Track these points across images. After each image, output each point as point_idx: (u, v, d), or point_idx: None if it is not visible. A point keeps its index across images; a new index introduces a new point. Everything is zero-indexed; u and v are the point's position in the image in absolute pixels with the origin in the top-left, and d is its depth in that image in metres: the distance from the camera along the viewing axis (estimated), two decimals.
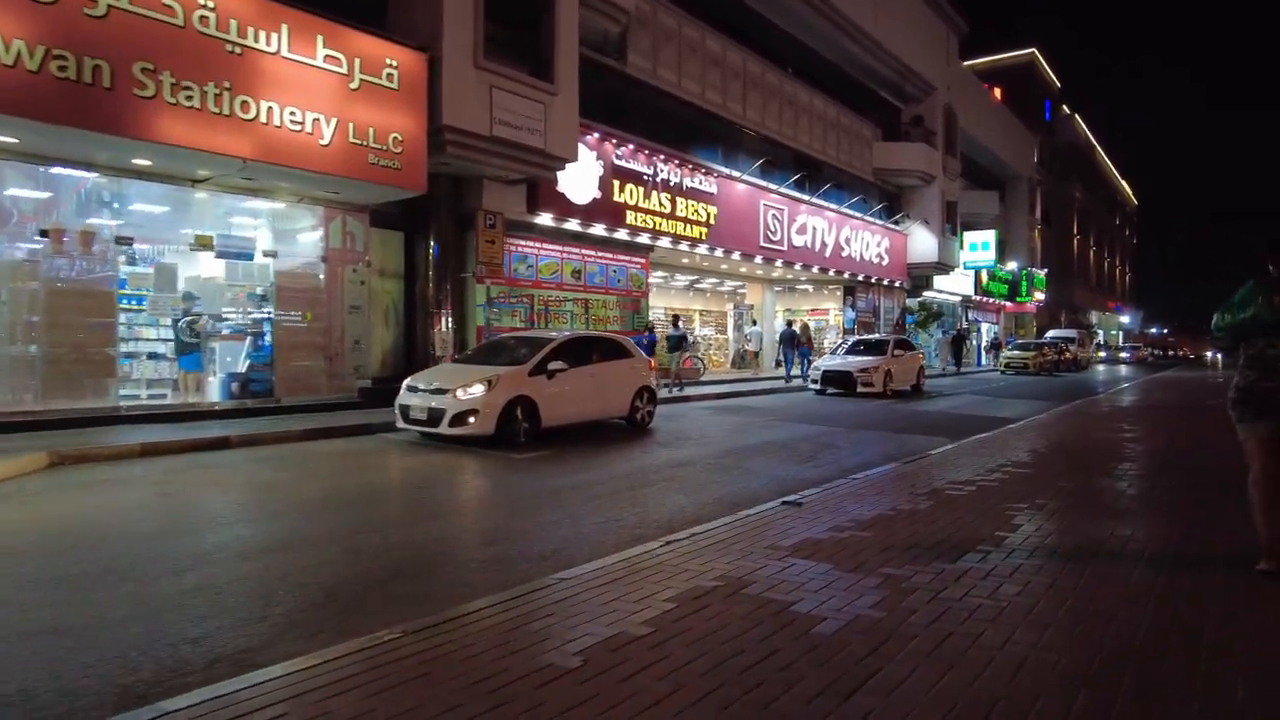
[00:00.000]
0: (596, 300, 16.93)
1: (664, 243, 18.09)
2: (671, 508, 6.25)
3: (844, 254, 25.77)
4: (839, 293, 28.41)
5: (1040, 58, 53.71)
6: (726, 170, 20.29)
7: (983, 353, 38.96)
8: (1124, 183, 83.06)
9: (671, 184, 18.09)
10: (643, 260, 18.11)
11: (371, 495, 6.90)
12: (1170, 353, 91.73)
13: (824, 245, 24.55)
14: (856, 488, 6.51)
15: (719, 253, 19.95)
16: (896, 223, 29.44)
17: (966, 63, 40.71)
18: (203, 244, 11.36)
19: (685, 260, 21.35)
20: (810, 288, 29.21)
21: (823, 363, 19.33)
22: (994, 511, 5.62)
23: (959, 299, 36.52)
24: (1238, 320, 4.16)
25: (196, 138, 9.38)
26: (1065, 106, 60.02)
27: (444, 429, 9.32)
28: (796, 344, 20.60)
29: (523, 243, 15.31)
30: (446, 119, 12.01)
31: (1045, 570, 4.18)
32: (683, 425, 12.06)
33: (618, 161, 16.68)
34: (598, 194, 16.11)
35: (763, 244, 21.60)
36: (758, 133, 21.99)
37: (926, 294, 32.55)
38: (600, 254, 16.99)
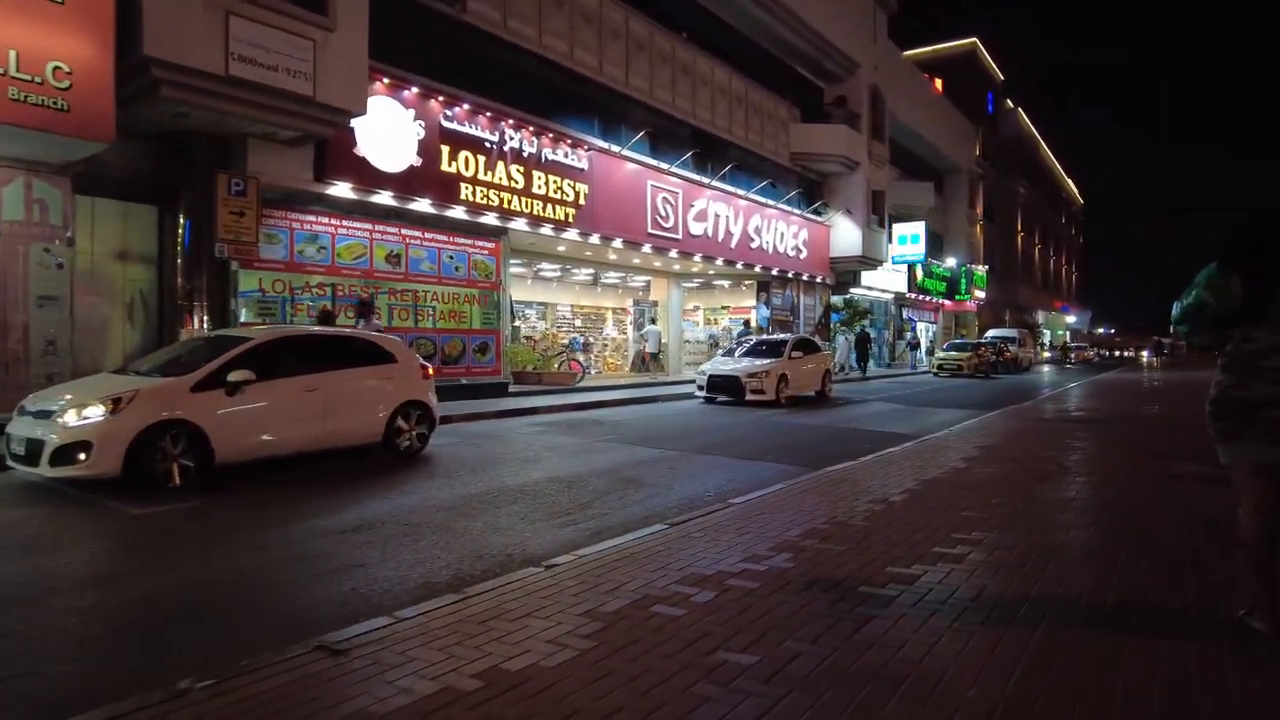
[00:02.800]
0: (427, 291, 14.01)
1: (519, 225, 15.25)
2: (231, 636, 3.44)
3: (753, 245, 23.18)
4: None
5: (982, 48, 51.93)
6: (602, 143, 17.53)
7: (922, 354, 36.76)
8: (1069, 180, 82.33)
9: (526, 155, 15.25)
10: (492, 245, 15.21)
11: None
12: (1117, 353, 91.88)
13: (729, 235, 21.91)
14: (525, 590, 3.72)
15: (595, 239, 17.15)
16: (816, 212, 26.95)
17: (907, 52, 38.67)
18: None
19: (561, 248, 18.53)
20: (726, 283, 26.63)
21: (709, 366, 16.64)
22: (700, 664, 2.87)
23: (891, 296, 34.29)
24: (1184, 308, 3.26)
25: None
26: (1009, 100, 58.48)
27: (43, 469, 6.38)
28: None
29: (311, 219, 12.34)
30: (150, 49, 9.02)
31: None
32: (483, 449, 9.26)
33: (448, 124, 13.79)
34: (416, 161, 13.21)
35: (652, 231, 18.87)
36: (645, 104, 19.25)
37: (855, 291, 30.15)
38: (430, 236, 14.07)
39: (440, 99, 13.66)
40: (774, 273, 24.78)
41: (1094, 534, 4.82)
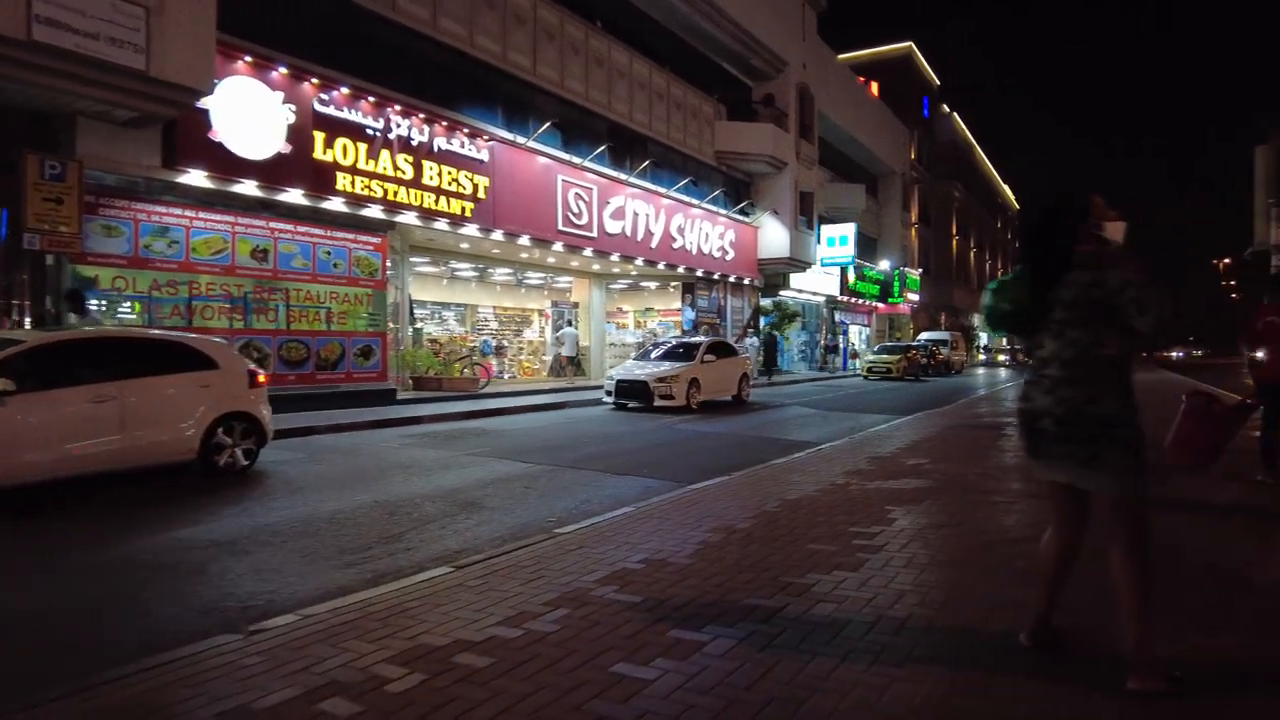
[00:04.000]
0: (300, 290, 12.84)
1: (408, 218, 14.19)
2: None
3: (676, 245, 22.42)
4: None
5: (917, 52, 52.19)
6: (506, 134, 16.55)
7: (843, 358, 36.50)
8: (1005, 185, 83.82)
9: (416, 144, 14.19)
10: (378, 240, 14.10)
11: None
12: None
13: (649, 234, 21.10)
14: (183, 674, 2.79)
15: (498, 235, 16.15)
16: (743, 212, 26.35)
17: (842, 56, 38.42)
18: None
19: (464, 245, 17.48)
20: (654, 285, 25.83)
21: (618, 371, 15.79)
22: None
23: (823, 299, 33.95)
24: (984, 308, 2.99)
25: None
26: (945, 105, 59.02)
27: None
28: None
29: (161, 209, 11.11)
30: None
31: None
32: (324, 467, 8.24)
33: (323, 108, 12.67)
34: (285, 147, 12.07)
35: (564, 228, 17.94)
36: (555, 94, 18.32)
37: (785, 293, 29.63)
38: (305, 230, 12.91)
39: (314, 81, 12.53)
40: (699, 274, 24.05)
41: (944, 575, 4.06)
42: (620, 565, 4.13)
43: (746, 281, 27.08)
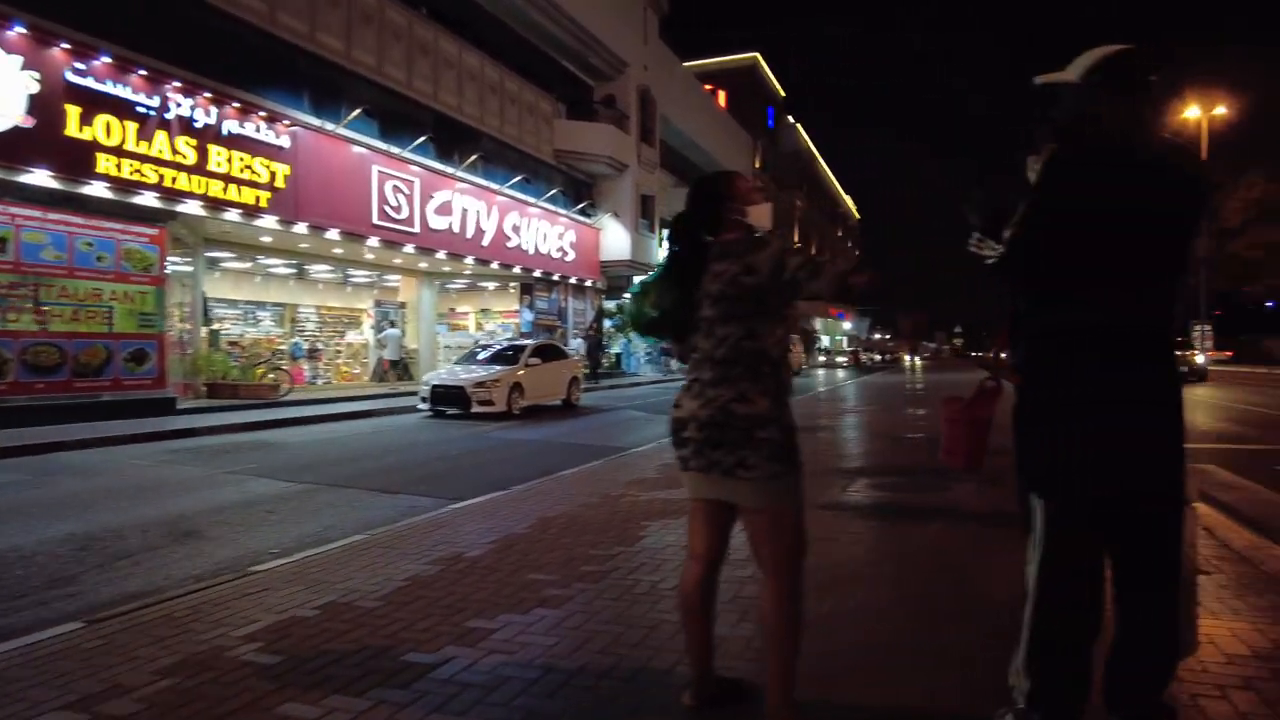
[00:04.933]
0: (53, 286, 11.19)
1: (191, 207, 12.75)
2: None
3: (511, 244, 21.72)
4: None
5: (763, 63, 53.89)
6: (313, 120, 15.33)
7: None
8: (846, 196, 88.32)
9: (201, 126, 12.79)
10: (154, 231, 12.55)
11: None
12: (889, 357, 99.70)
13: (480, 231, 20.28)
14: None
15: (301, 228, 14.88)
16: (583, 213, 26.01)
17: (689, 63, 38.89)
18: None
19: (265, 238, 16.05)
20: (492, 285, 24.98)
21: (434, 376, 14.95)
22: None
23: None
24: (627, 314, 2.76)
25: None
26: (790, 116, 61.29)
27: None
28: None
29: None
30: None
31: None
32: (37, 492, 7.04)
33: (79, 79, 11.12)
34: (26, 121, 10.48)
35: (379, 222, 16.85)
36: (373, 81, 17.21)
37: (628, 295, 29.49)
38: (58, 217, 11.25)
39: (65, 46, 10.97)
40: (537, 274, 23.45)
41: (653, 610, 3.69)
42: (291, 613, 3.49)
43: (589, 283, 26.74)
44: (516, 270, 22.37)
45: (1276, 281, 52.11)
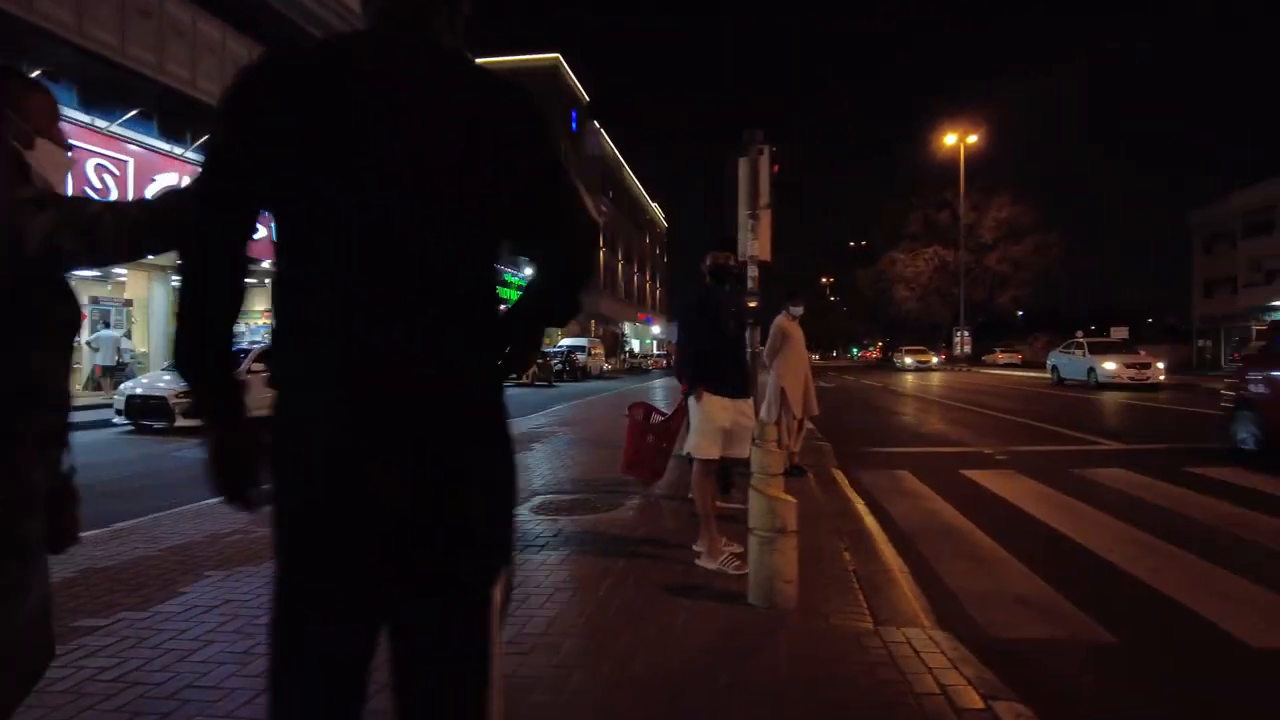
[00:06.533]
0: None
1: None
2: None
3: (259, 235, 19.67)
4: None
5: (565, 65, 53.58)
6: None
7: None
8: (654, 205, 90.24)
9: None
10: None
11: None
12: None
13: None
14: None
15: None
16: None
17: (485, 59, 37.66)
18: None
19: None
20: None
21: (131, 385, 13.05)
22: None
23: None
24: None
25: None
26: (595, 120, 61.43)
27: None
28: None
29: None
30: None
31: None
32: None
33: None
34: None
35: None
36: (71, 42, 14.83)
37: None
38: None
39: None
40: None
41: None
42: None
43: None
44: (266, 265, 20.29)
45: (1020, 292, 59.35)
